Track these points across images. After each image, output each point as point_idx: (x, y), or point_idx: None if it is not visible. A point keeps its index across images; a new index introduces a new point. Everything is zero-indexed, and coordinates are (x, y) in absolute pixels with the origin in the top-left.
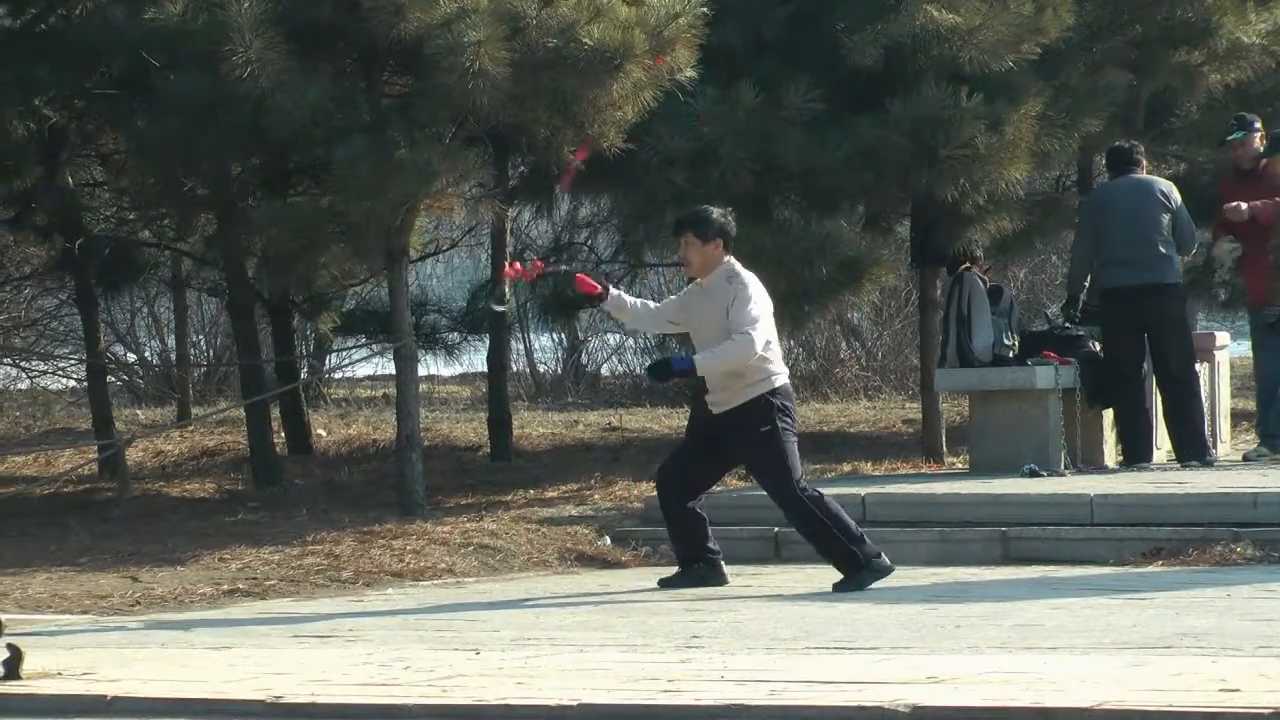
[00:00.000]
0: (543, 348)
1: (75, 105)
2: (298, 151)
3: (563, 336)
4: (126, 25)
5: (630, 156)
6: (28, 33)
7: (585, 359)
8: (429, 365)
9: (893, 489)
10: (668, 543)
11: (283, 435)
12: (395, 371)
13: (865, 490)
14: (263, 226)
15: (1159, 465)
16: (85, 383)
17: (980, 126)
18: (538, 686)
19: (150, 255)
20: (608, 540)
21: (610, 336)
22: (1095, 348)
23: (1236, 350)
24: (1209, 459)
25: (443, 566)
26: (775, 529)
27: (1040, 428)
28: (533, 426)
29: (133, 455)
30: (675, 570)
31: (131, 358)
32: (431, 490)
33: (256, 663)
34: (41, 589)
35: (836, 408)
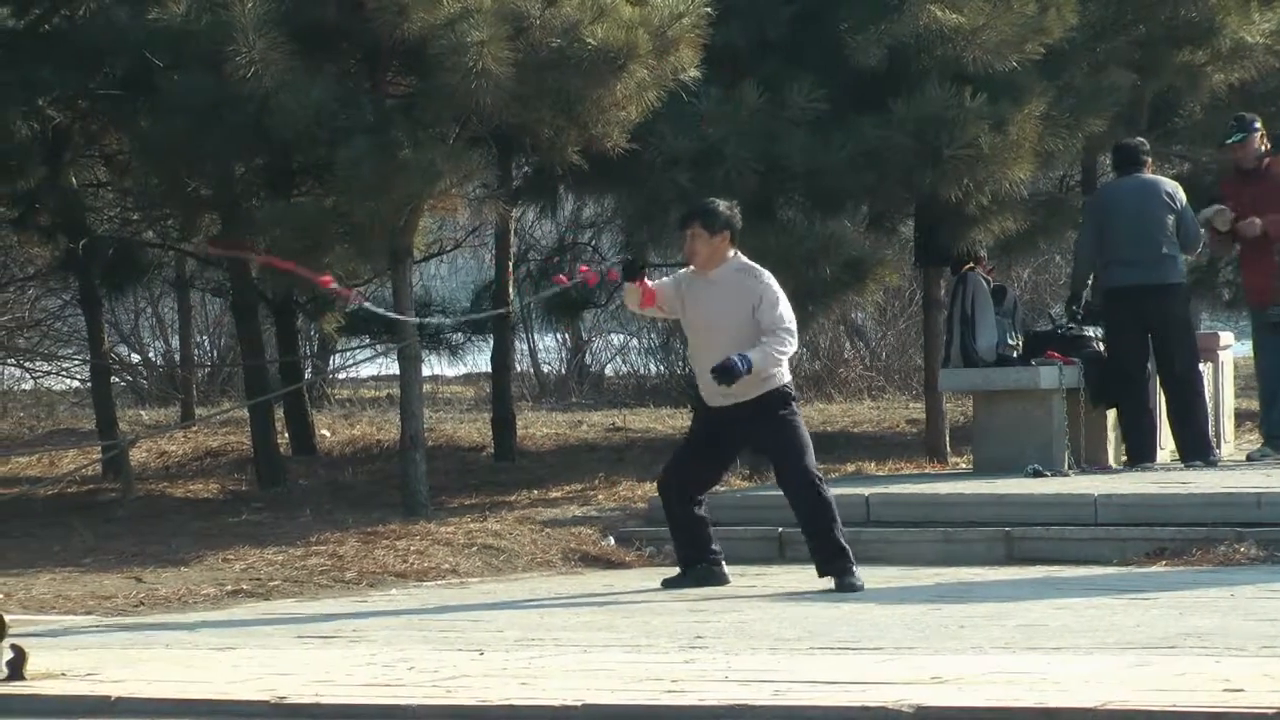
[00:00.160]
0: (546, 348)
1: (79, 105)
2: (301, 152)
3: (566, 337)
4: (130, 25)
5: (634, 156)
6: (31, 33)
7: (589, 359)
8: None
9: (897, 489)
10: (671, 543)
11: (286, 436)
12: (399, 372)
13: (869, 490)
14: (266, 227)
15: (1163, 465)
16: (89, 383)
17: (984, 126)
18: (542, 687)
19: (154, 255)
20: (611, 540)
21: (614, 337)
22: (1099, 348)
23: (1240, 350)
24: (1213, 459)
25: (446, 567)
26: (779, 529)
27: (1044, 428)
28: (536, 427)
29: (136, 456)
30: (678, 571)
31: (135, 358)
32: (435, 490)
33: (260, 663)
34: (45, 590)
35: (840, 408)
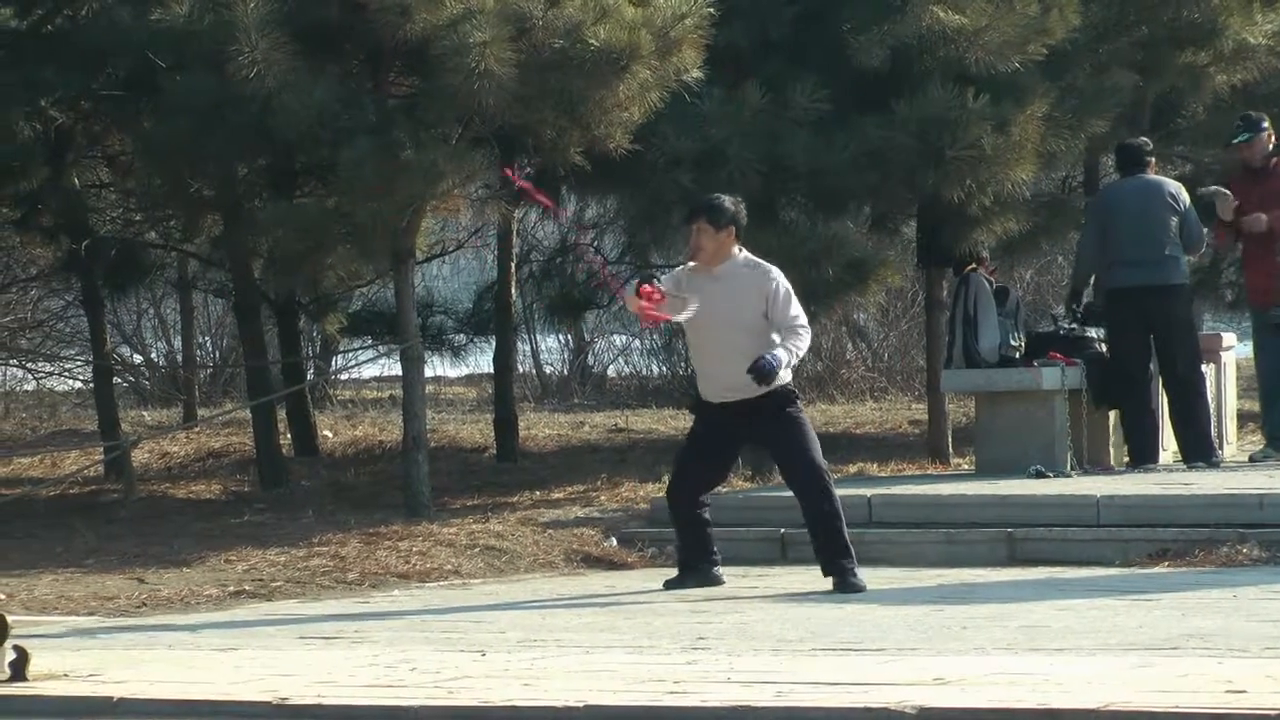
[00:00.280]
0: (549, 349)
1: (81, 106)
2: (304, 152)
3: (569, 338)
4: (133, 26)
5: (637, 157)
6: (34, 34)
7: (591, 360)
8: (435, 366)
9: (899, 490)
10: (673, 544)
11: (289, 436)
12: (401, 373)
13: (871, 491)
14: (269, 227)
15: (1165, 466)
16: (91, 384)
17: (986, 127)
18: (544, 688)
19: (156, 256)
20: (614, 541)
21: (616, 338)
22: (1101, 349)
23: (1243, 351)
24: (1215, 460)
25: (449, 568)
26: (782, 530)
27: (1046, 429)
28: (539, 428)
29: (139, 457)
30: (678, 572)
31: (138, 359)
32: (437, 491)
33: (263, 664)
34: (48, 590)
35: (843, 409)
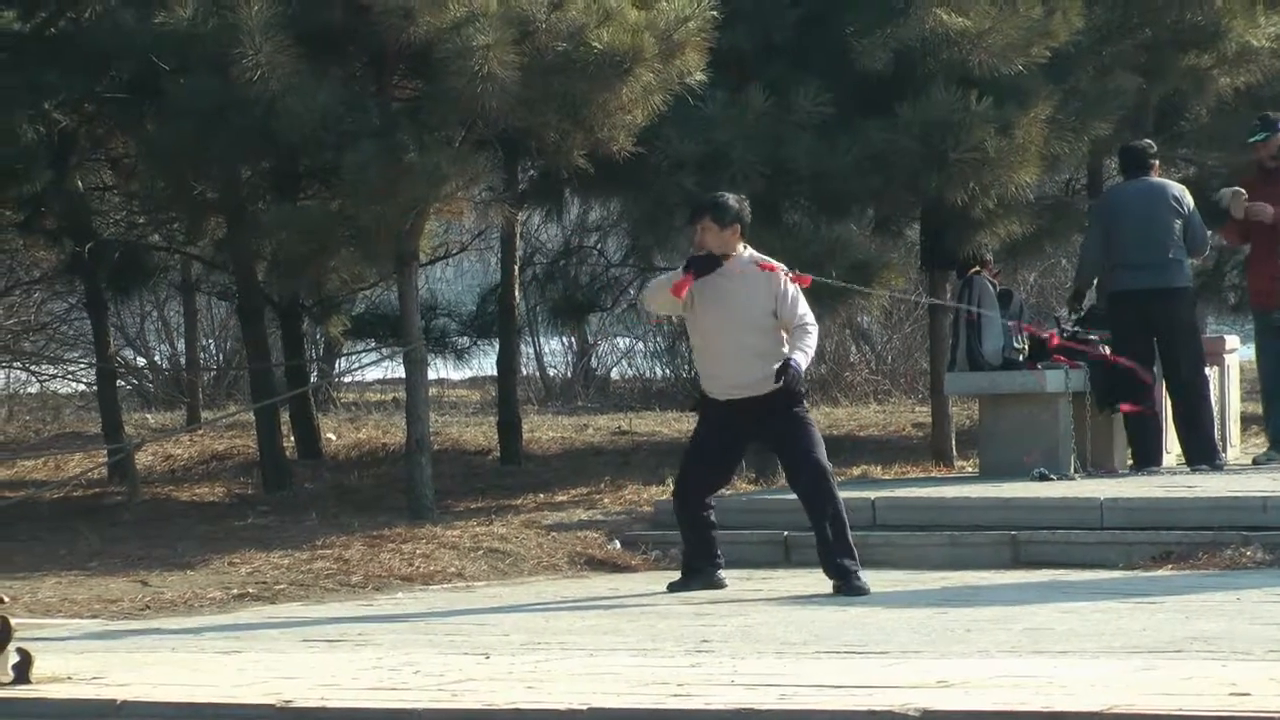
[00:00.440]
0: (552, 351)
1: (85, 109)
2: (308, 155)
3: (572, 340)
4: (136, 29)
5: (640, 160)
6: (37, 36)
7: (595, 363)
8: (438, 369)
9: (903, 493)
10: (677, 546)
11: (292, 439)
12: (405, 375)
13: (875, 494)
14: (272, 230)
15: (1169, 469)
16: (95, 387)
17: (990, 130)
18: (548, 691)
19: (160, 259)
20: (617, 544)
21: (620, 340)
22: (1104, 351)
23: (1246, 354)
24: (1218, 463)
25: (452, 570)
26: (785, 533)
27: (1050, 431)
28: (542, 430)
29: (142, 459)
30: (682, 574)
31: (141, 362)
32: (441, 494)
33: (266, 667)
34: (51, 593)
35: (846, 411)
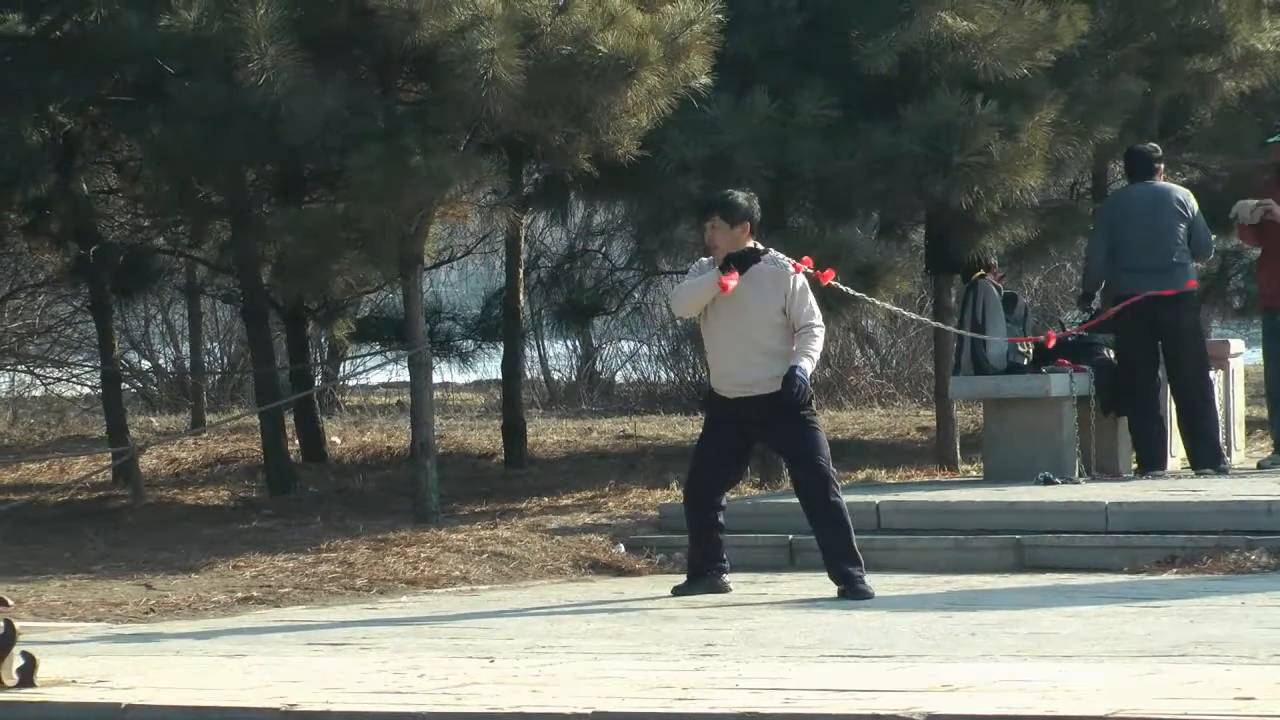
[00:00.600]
0: (557, 355)
1: (90, 112)
2: (312, 158)
3: (577, 343)
4: (141, 32)
5: (645, 164)
6: (42, 39)
7: (599, 366)
8: (443, 372)
9: (907, 496)
10: (682, 550)
11: (297, 443)
12: (409, 379)
13: (880, 498)
14: (277, 233)
15: (1173, 473)
16: (99, 390)
17: (994, 134)
18: (552, 694)
19: (165, 262)
20: (622, 548)
21: (624, 344)
22: (1109, 355)
23: (1251, 358)
24: (1223, 467)
25: (457, 574)
26: (790, 537)
27: (1055, 435)
28: (547, 434)
29: (147, 463)
30: (687, 578)
31: (146, 365)
32: (445, 498)
33: (271, 671)
34: (56, 596)
35: (851, 415)
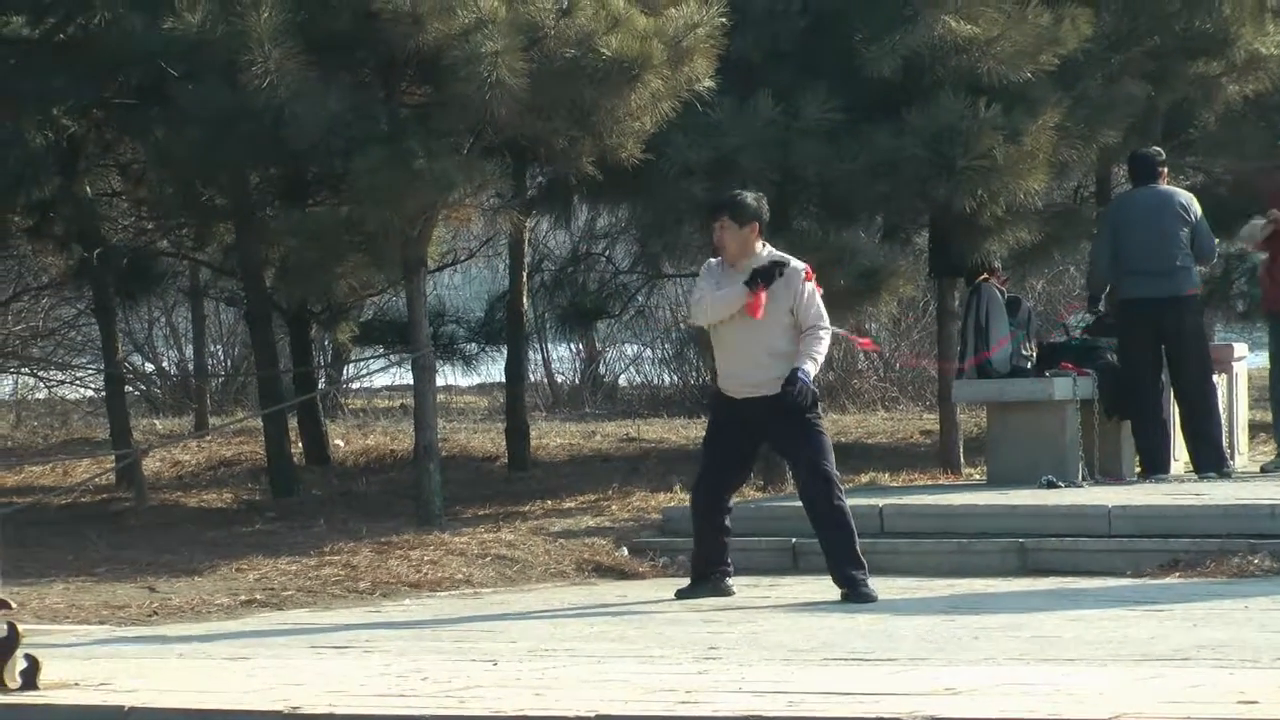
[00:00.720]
0: (560, 358)
1: (93, 115)
2: (316, 161)
3: (580, 347)
4: (145, 35)
5: (649, 167)
6: (46, 42)
7: (603, 369)
8: (446, 375)
9: (910, 500)
10: (685, 554)
11: (300, 445)
12: (413, 382)
13: (883, 501)
14: (281, 236)
15: (1176, 477)
16: (103, 392)
17: (998, 137)
18: (555, 698)
19: (168, 265)
20: (625, 551)
21: (628, 347)
22: (1113, 359)
23: (1254, 361)
24: (1226, 470)
25: (460, 577)
26: (793, 540)
27: (1058, 439)
28: (550, 437)
29: (150, 465)
30: (690, 581)
31: (149, 367)
32: (449, 501)
33: (274, 673)
34: (59, 599)
35: (854, 418)
